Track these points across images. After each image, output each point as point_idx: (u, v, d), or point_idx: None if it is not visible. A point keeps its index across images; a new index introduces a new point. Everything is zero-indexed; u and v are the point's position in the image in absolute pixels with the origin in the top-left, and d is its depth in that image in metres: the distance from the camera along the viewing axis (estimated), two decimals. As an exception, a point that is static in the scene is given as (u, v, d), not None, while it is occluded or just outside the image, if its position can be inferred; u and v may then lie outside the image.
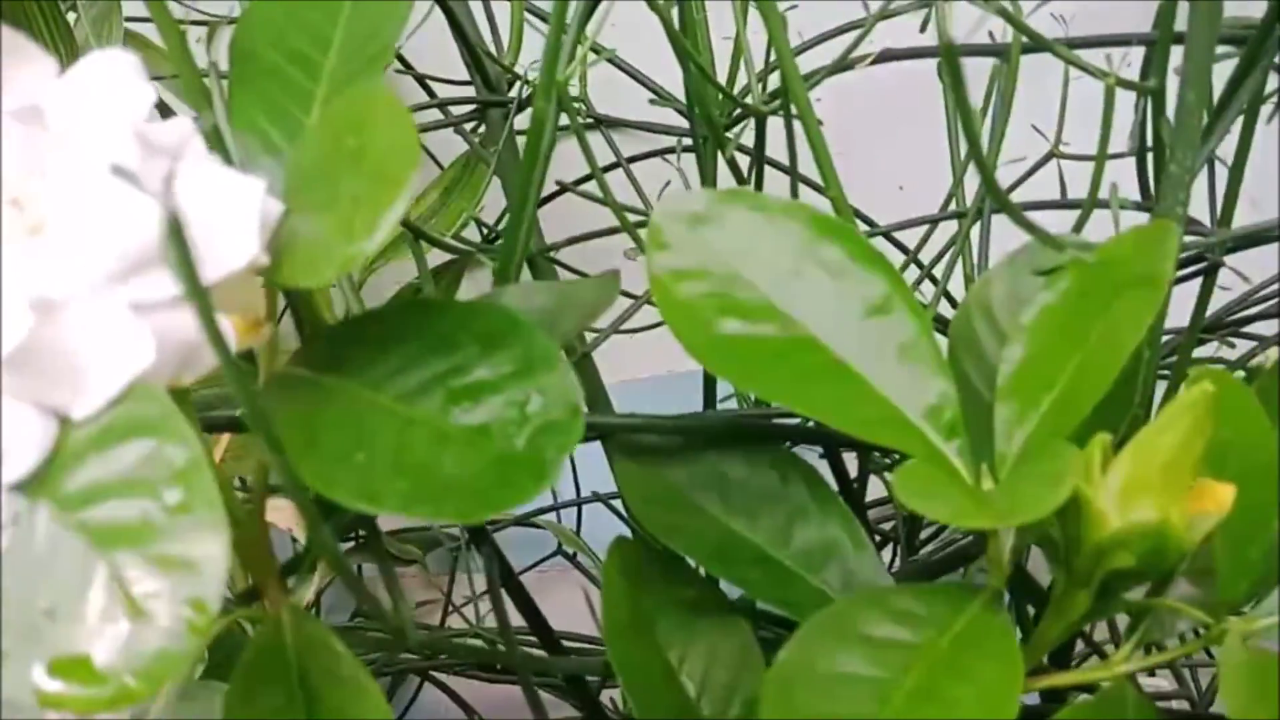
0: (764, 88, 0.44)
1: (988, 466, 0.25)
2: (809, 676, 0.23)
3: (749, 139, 0.40)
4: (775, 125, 0.39)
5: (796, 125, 0.36)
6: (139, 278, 0.20)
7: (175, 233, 0.17)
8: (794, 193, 0.40)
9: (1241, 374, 0.28)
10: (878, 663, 0.23)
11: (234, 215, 0.21)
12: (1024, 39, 0.34)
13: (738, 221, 0.28)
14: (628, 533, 0.32)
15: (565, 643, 0.42)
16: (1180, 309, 0.32)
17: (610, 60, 0.49)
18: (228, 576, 0.18)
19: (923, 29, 0.41)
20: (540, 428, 0.22)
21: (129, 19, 0.45)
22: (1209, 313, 0.34)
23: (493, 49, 0.53)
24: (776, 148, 0.40)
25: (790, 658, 0.23)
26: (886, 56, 0.43)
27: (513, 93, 0.51)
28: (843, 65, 0.41)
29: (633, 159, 0.50)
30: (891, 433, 0.26)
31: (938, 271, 0.44)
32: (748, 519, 0.30)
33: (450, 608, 0.61)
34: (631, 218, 0.39)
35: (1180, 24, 0.31)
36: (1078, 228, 0.35)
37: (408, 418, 0.22)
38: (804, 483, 0.31)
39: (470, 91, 0.51)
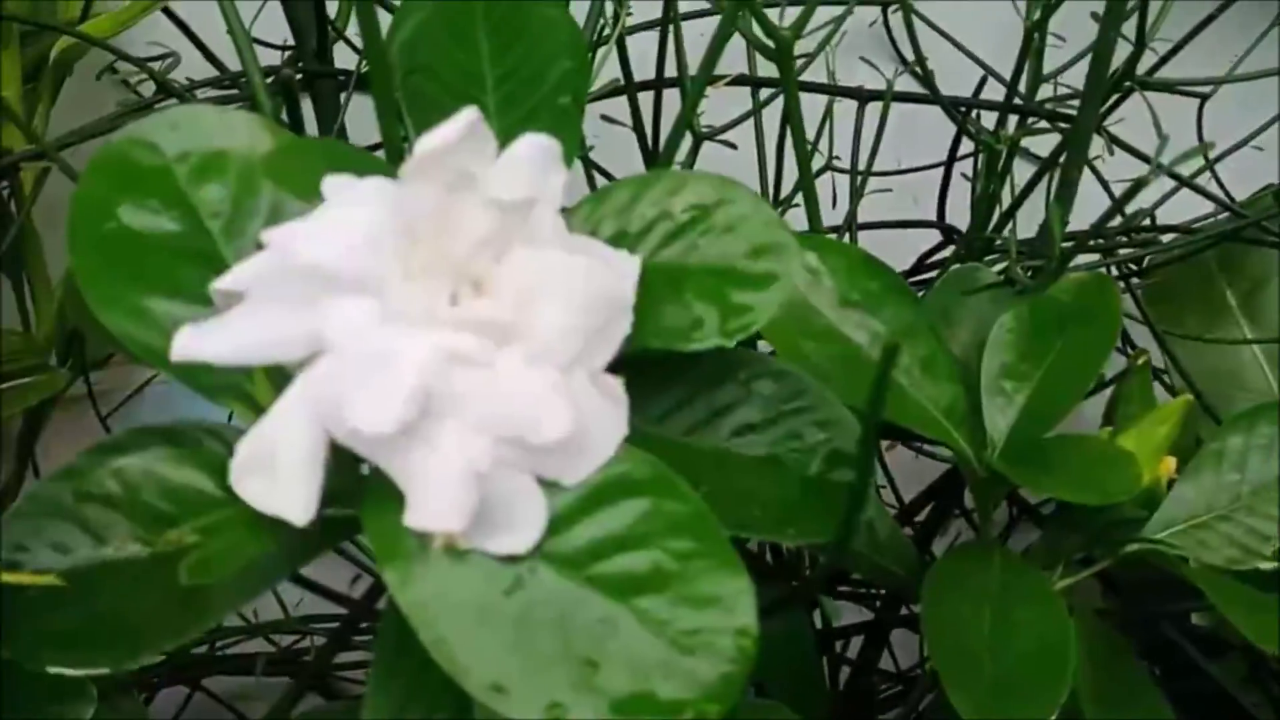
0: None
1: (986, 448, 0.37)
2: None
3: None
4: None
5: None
6: (597, 346, 0.23)
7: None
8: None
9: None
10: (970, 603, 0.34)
11: (622, 285, 0.24)
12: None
13: (805, 261, 0.36)
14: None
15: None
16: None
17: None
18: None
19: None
20: (827, 455, 0.28)
21: None
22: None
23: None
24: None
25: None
26: (740, 81, 0.51)
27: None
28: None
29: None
30: (923, 424, 0.36)
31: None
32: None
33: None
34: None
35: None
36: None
37: (707, 452, 0.27)
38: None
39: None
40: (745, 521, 0.26)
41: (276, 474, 0.21)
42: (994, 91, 0.52)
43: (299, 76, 0.49)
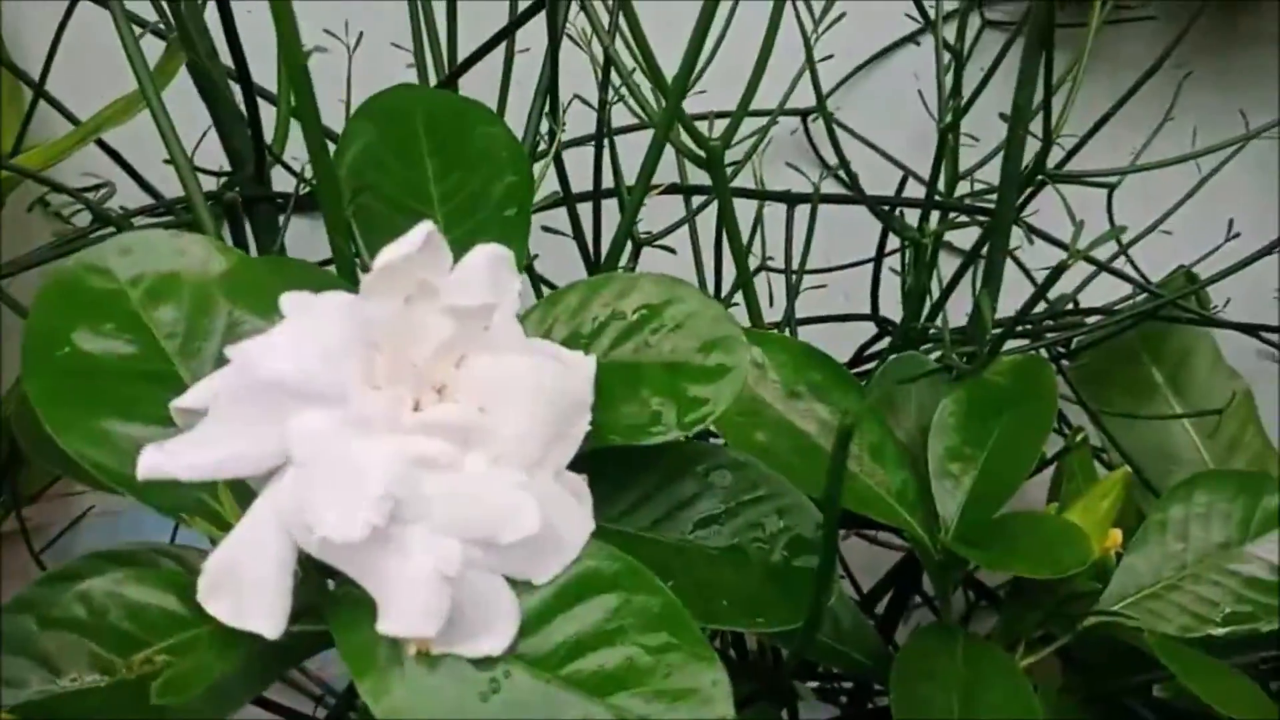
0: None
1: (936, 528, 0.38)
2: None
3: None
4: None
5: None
6: (559, 445, 0.23)
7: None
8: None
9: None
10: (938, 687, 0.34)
11: (580, 383, 0.25)
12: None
13: (752, 354, 0.37)
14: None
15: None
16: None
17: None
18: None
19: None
20: (789, 543, 0.29)
21: None
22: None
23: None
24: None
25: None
26: (674, 190, 0.53)
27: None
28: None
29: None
30: (876, 509, 0.37)
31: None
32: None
33: None
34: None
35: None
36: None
37: (671, 546, 0.28)
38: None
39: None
40: (713, 612, 0.27)
41: (245, 588, 0.21)
42: (916, 190, 0.55)
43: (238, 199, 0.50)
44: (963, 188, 0.54)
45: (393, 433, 0.22)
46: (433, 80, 0.48)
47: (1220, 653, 0.38)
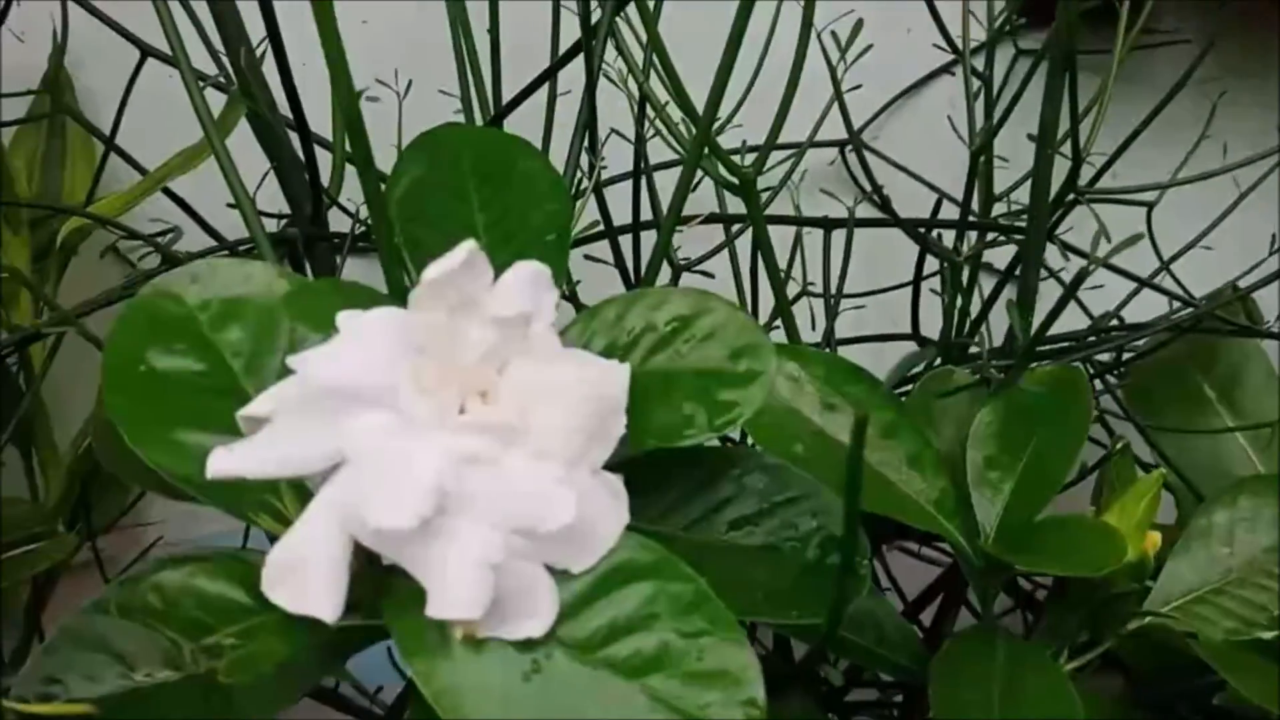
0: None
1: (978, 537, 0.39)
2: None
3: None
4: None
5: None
6: (596, 445, 0.25)
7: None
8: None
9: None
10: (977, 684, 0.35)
11: (615, 389, 0.27)
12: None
13: (789, 368, 0.39)
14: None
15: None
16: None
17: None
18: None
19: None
20: (821, 541, 0.30)
21: None
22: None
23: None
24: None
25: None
26: (714, 219, 0.55)
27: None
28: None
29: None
30: (915, 517, 0.38)
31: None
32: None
33: None
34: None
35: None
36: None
37: (706, 544, 0.29)
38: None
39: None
40: (750, 607, 0.28)
41: (306, 577, 0.23)
42: (953, 214, 0.56)
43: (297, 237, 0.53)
44: (1000, 210, 0.55)
45: (440, 432, 0.24)
46: (479, 121, 0.51)
47: (1268, 655, 0.39)
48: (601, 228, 0.50)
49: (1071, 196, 0.48)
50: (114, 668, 0.25)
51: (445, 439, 0.24)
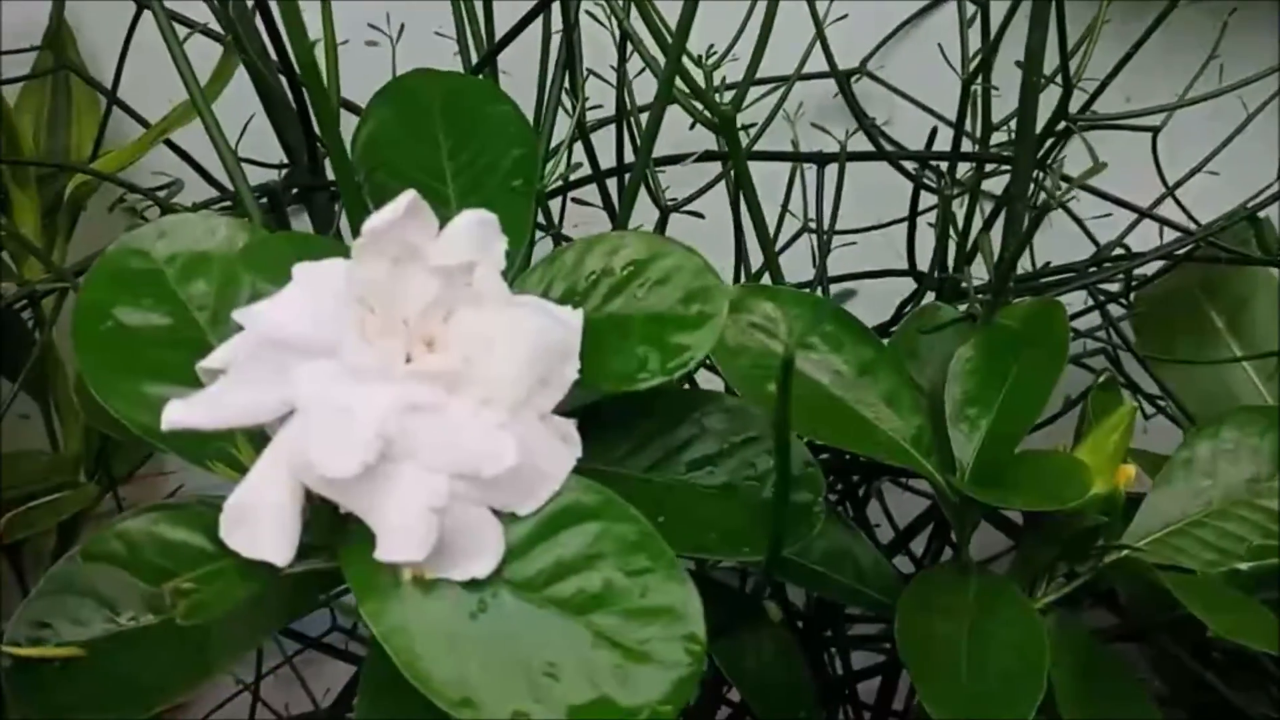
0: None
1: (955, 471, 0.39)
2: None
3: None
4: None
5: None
6: (544, 391, 0.26)
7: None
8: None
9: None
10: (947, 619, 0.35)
11: (566, 334, 0.27)
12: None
13: (765, 309, 0.39)
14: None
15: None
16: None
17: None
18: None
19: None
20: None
21: None
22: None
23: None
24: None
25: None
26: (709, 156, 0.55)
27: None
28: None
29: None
30: (891, 453, 0.39)
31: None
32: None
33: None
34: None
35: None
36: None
37: (665, 485, 0.30)
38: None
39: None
40: (703, 545, 0.29)
41: (258, 523, 0.24)
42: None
43: (294, 190, 0.53)
44: (1001, 139, 0.54)
45: (385, 382, 0.25)
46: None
47: (1249, 589, 0.39)
48: (591, 174, 0.50)
49: (1063, 125, 0.47)
50: (100, 611, 0.27)
51: (389, 388, 0.24)
